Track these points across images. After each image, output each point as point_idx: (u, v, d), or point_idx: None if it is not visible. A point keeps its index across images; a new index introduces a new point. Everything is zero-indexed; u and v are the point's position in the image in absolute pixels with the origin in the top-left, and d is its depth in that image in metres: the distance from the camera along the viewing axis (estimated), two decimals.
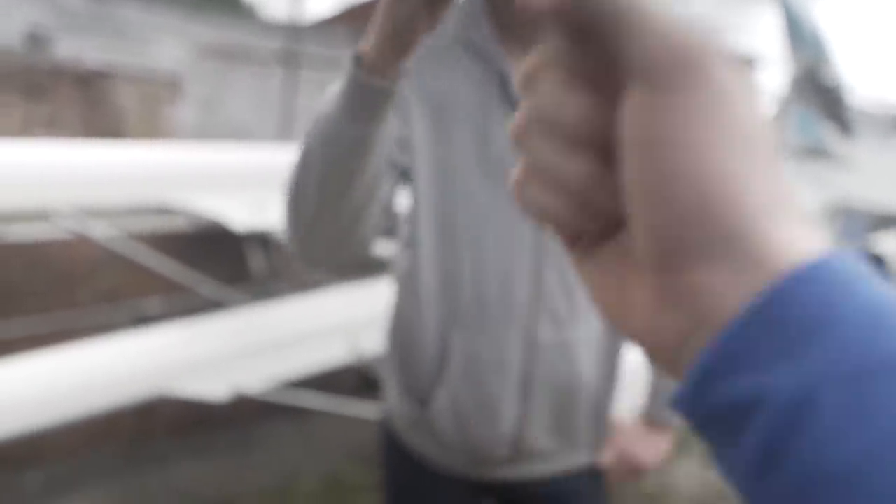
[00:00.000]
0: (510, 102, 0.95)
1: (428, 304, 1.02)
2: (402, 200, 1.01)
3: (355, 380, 3.81)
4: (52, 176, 2.38)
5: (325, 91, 0.83)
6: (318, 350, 2.61)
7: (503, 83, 0.95)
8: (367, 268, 1.27)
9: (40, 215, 2.76)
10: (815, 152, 9.25)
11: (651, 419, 1.16)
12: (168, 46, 5.07)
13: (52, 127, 3.42)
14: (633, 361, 1.36)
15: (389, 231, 1.02)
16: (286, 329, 2.64)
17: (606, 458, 1.15)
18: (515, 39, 0.97)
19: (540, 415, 1.04)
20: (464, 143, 0.96)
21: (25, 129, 3.32)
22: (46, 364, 2.14)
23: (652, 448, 1.17)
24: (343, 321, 2.71)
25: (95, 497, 2.69)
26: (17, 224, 2.87)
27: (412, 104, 0.97)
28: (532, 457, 1.08)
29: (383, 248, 1.04)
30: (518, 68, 0.64)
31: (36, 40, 3.58)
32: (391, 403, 1.13)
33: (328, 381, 3.03)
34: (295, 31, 4.39)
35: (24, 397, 2.00)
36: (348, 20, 11.19)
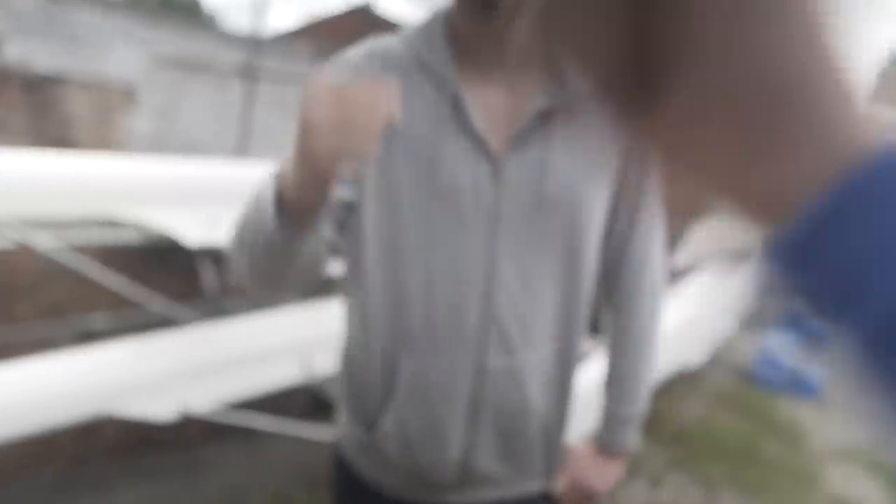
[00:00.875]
0: (463, 127, 0.96)
1: (375, 327, 1.01)
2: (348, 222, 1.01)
3: (307, 401, 3.74)
4: None
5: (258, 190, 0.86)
6: (269, 370, 2.56)
7: (457, 107, 0.96)
8: (319, 287, 1.26)
9: None
10: None
11: (604, 446, 1.17)
12: (123, 54, 4.97)
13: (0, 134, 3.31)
14: (585, 388, 1.38)
15: (338, 250, 1.02)
16: (237, 348, 2.59)
17: (559, 485, 1.16)
18: (472, 65, 0.98)
19: (488, 440, 1.04)
20: (413, 166, 0.95)
21: None
22: None
23: (605, 475, 1.17)
24: (295, 340, 2.67)
25: None
26: None
27: None
28: (481, 482, 1.07)
29: (335, 267, 1.04)
30: (472, 94, 0.65)
31: None
32: (341, 426, 1.12)
33: (279, 403, 2.98)
34: (255, 44, 4.36)
35: None
36: (309, 35, 11.15)
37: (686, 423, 4.30)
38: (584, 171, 1.00)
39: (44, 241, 2.71)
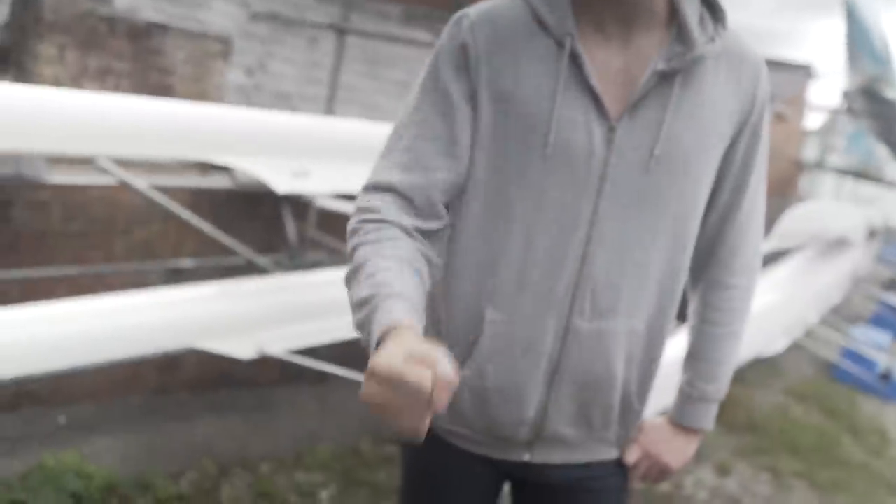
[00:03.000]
0: (581, 86, 0.93)
1: (465, 279, 1.00)
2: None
3: None
4: (99, 125, 2.42)
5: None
6: (343, 321, 2.63)
7: (576, 65, 0.93)
8: None
9: (83, 161, 2.81)
10: (863, 170, 9.02)
11: (679, 422, 1.15)
12: (222, 7, 5.10)
13: (105, 78, 3.47)
14: (669, 363, 1.34)
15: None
16: (314, 297, 2.67)
17: (631, 456, 1.14)
18: (592, 24, 0.95)
19: (566, 402, 1.02)
20: (528, 123, 0.94)
21: (78, 78, 3.37)
22: (80, 309, 2.18)
23: (678, 450, 1.15)
24: None
25: (116, 441, 2.76)
26: (58, 167, 2.93)
27: (481, 88, 0.96)
28: (553, 443, 1.06)
29: None
30: (591, 53, 0.64)
31: None
32: None
33: (350, 354, 3.05)
34: (346, 3, 4.38)
35: (54, 339, 2.05)
36: None
37: (760, 413, 4.16)
38: (698, 138, 0.96)
39: (141, 182, 2.85)
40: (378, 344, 0.75)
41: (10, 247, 2.87)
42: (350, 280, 0.88)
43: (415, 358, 0.68)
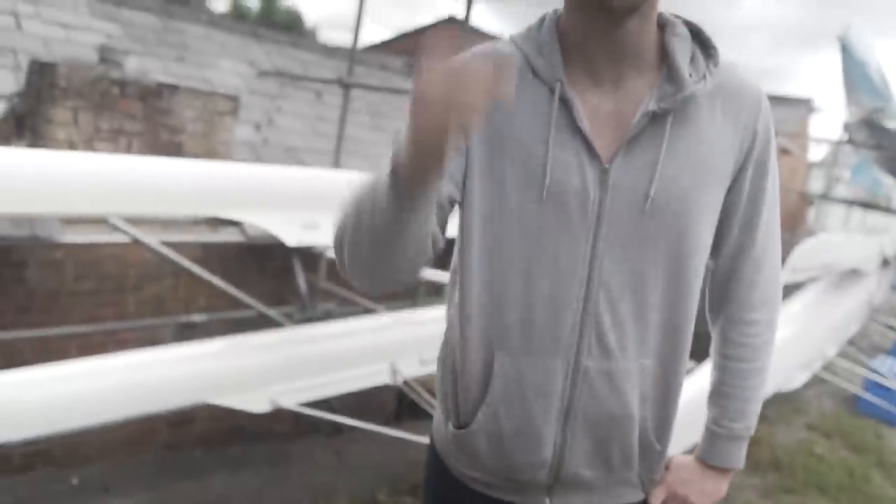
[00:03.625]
0: (572, 129, 0.94)
1: (473, 325, 1.00)
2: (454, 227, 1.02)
3: (391, 405, 3.79)
4: (111, 186, 2.46)
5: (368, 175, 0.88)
6: (356, 372, 2.62)
7: (566, 110, 0.95)
8: (414, 291, 1.27)
9: (96, 221, 2.85)
10: (870, 200, 9.01)
11: (707, 461, 1.12)
12: (229, 65, 5.24)
13: (117, 139, 3.55)
14: (691, 399, 1.32)
15: (439, 259, 1.02)
16: (326, 349, 2.66)
17: (657, 498, 1.11)
18: (582, 68, 0.96)
19: (582, 443, 1.00)
20: (521, 168, 0.95)
21: (91, 140, 3.45)
22: (92, 368, 2.18)
23: (706, 490, 1.11)
24: (382, 345, 2.72)
25: (129, 501, 2.72)
26: (72, 227, 2.97)
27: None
28: (573, 486, 1.04)
29: (431, 273, 1.05)
30: (582, 97, 0.66)
31: (108, 56, 3.73)
32: (436, 423, 1.12)
33: (364, 405, 3.03)
34: (350, 58, 4.49)
35: (67, 399, 2.04)
36: (399, 47, 11.41)
37: (784, 450, 4.06)
38: (695, 176, 0.96)
39: (152, 239, 2.89)
40: (400, 149, 0.79)
41: (24, 307, 2.89)
42: (343, 226, 0.90)
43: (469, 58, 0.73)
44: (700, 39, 0.99)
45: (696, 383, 1.18)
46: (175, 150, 3.76)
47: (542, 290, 0.96)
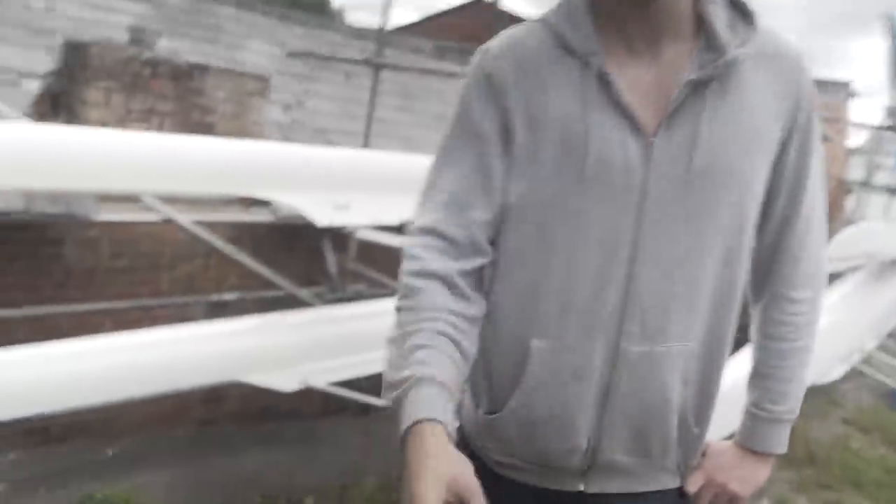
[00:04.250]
0: (612, 104, 0.91)
1: (507, 309, 0.97)
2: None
3: None
4: (145, 164, 2.48)
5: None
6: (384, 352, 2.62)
7: (604, 84, 0.91)
8: None
9: (131, 199, 2.88)
10: None
11: (747, 445, 1.08)
12: (259, 47, 5.25)
13: (149, 119, 3.57)
14: (732, 382, 1.28)
15: None
16: (356, 329, 2.66)
17: (694, 484, 1.08)
18: (618, 39, 0.92)
19: (619, 429, 0.97)
20: (562, 147, 0.91)
21: (123, 120, 3.48)
22: (127, 343, 2.21)
23: (746, 477, 1.07)
24: None
25: (163, 474, 2.77)
26: (107, 205, 3.00)
27: (512, 116, 0.94)
28: (609, 472, 1.01)
29: None
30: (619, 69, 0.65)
31: (139, 36, 3.75)
32: (465, 408, 1.10)
33: None
34: (380, 38, 4.46)
35: (104, 372, 2.07)
36: (428, 29, 11.34)
37: (819, 445, 3.98)
38: (740, 145, 0.92)
39: (185, 218, 2.91)
40: (405, 435, 0.80)
41: (61, 283, 2.94)
42: (390, 347, 0.90)
43: (451, 492, 0.75)
44: (736, 5, 0.95)
45: (735, 367, 1.14)
46: (206, 130, 3.78)
47: (583, 271, 0.93)
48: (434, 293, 0.91)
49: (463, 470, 0.78)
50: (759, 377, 1.07)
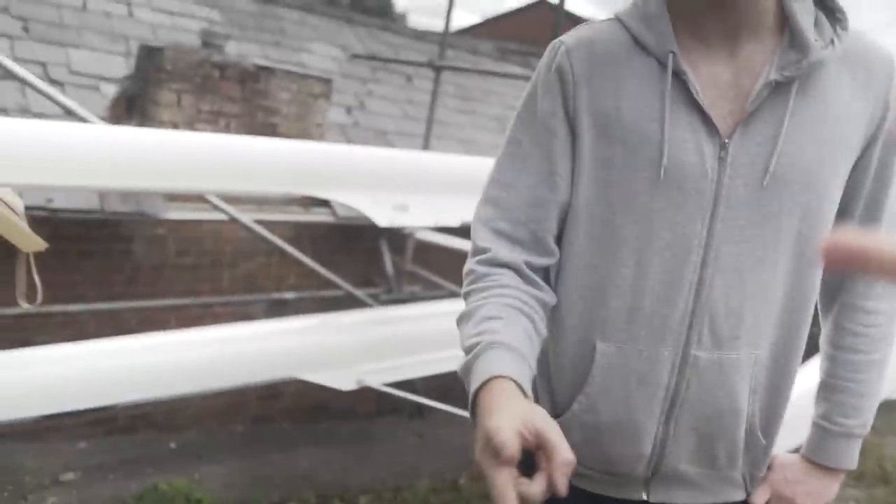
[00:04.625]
0: (689, 103, 0.88)
1: (573, 310, 0.95)
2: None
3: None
4: (211, 165, 2.55)
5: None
6: (442, 355, 2.62)
7: (681, 83, 0.88)
8: None
9: (196, 199, 2.96)
10: None
11: (815, 459, 1.03)
12: (322, 49, 5.34)
13: (217, 120, 3.68)
14: (801, 394, 1.22)
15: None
16: (414, 330, 2.68)
17: (760, 498, 1.04)
18: (694, 38, 0.89)
19: (685, 437, 0.94)
20: (632, 150, 0.89)
21: (192, 122, 3.59)
22: (190, 339, 2.28)
23: (813, 493, 1.03)
24: None
25: (222, 467, 2.85)
26: (175, 204, 3.10)
27: (580, 114, 0.92)
28: (673, 481, 0.98)
29: None
30: (696, 69, 0.62)
31: (210, 40, 3.87)
32: None
33: (449, 388, 3.03)
34: (442, 40, 4.47)
35: (168, 367, 2.14)
36: (490, 30, 11.33)
37: (892, 463, 3.79)
38: (820, 150, 0.88)
39: (247, 218, 2.98)
40: (476, 393, 0.75)
41: (131, 279, 3.06)
42: (460, 325, 0.89)
43: (527, 429, 0.69)
44: (824, 3, 0.91)
45: (802, 379, 1.09)
46: (270, 131, 3.87)
47: (653, 275, 0.90)
48: (503, 276, 0.91)
49: (539, 411, 0.72)
50: (830, 389, 1.02)
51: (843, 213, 0.96)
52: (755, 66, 0.88)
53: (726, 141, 0.88)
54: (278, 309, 3.33)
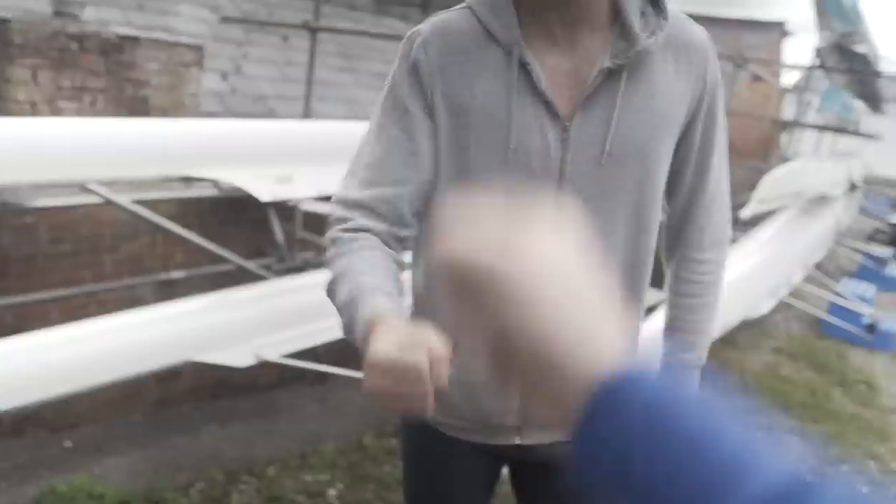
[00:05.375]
0: (532, 91, 0.98)
1: (439, 284, 1.06)
2: None
3: None
4: (83, 152, 2.44)
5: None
6: (338, 320, 2.68)
7: (525, 72, 0.98)
8: None
9: (68, 183, 2.82)
10: (841, 125, 9.11)
11: None
12: (191, 12, 5.07)
13: (80, 97, 3.47)
14: (651, 338, 1.39)
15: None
16: (307, 299, 2.71)
17: None
18: (538, 29, 0.99)
19: None
20: (486, 132, 0.99)
21: (53, 100, 3.37)
22: (75, 333, 2.22)
23: None
24: None
25: (123, 459, 2.81)
26: (44, 191, 2.94)
27: (437, 101, 1.00)
28: (540, 426, 1.12)
29: None
30: (539, 58, 0.75)
31: (62, 7, 3.60)
32: None
33: (347, 352, 3.10)
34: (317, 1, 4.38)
35: (54, 365, 2.09)
36: None
37: (752, 374, 4.25)
38: (650, 128, 1.01)
39: (124, 198, 2.87)
40: (366, 338, 0.79)
41: (1, 274, 2.90)
42: (330, 291, 0.95)
43: (408, 343, 0.73)
44: None
45: (655, 324, 1.26)
46: (141, 104, 3.68)
47: None
48: (365, 240, 0.98)
49: (421, 328, 0.76)
50: (672, 330, 1.20)
51: (675, 179, 1.11)
52: (592, 56, 1.00)
53: (567, 124, 0.99)
54: (168, 290, 3.25)
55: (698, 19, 1.09)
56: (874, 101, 9.05)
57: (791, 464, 0.34)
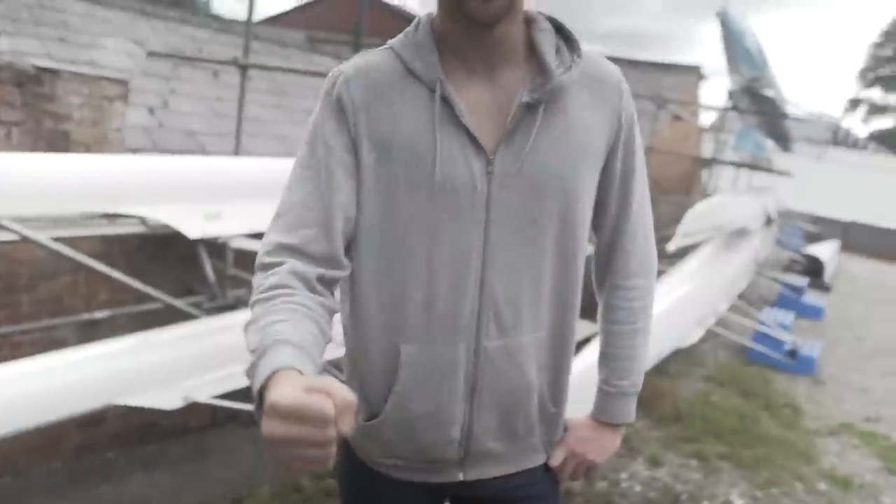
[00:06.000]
0: (455, 125, 1.00)
1: (371, 319, 1.05)
2: None
3: None
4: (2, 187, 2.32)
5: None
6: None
7: (448, 107, 1.00)
8: None
9: None
10: (756, 163, 9.66)
11: (601, 419, 1.21)
12: (116, 45, 4.96)
13: None
14: (583, 363, 1.41)
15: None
16: (237, 338, 2.63)
17: (556, 458, 1.20)
18: (459, 66, 1.02)
19: (488, 418, 1.08)
20: (412, 167, 1.00)
21: None
22: None
23: (601, 446, 1.21)
24: None
25: None
26: None
27: (361, 139, 1.01)
28: (482, 459, 1.12)
29: None
30: (461, 93, 0.74)
31: None
32: None
33: None
34: (247, 34, 4.35)
35: None
36: (300, 18, 11.07)
37: (684, 403, 4.36)
38: (569, 159, 1.04)
39: (42, 235, 2.74)
40: (263, 388, 0.74)
41: None
42: (246, 332, 0.90)
43: (312, 389, 0.68)
44: (563, 33, 1.07)
45: (590, 355, 1.28)
46: (62, 138, 3.54)
47: (442, 280, 1.03)
48: (289, 285, 0.93)
49: (327, 379, 0.71)
50: (606, 357, 1.22)
51: (600, 210, 1.14)
52: (511, 90, 1.03)
53: (491, 157, 1.01)
54: (90, 330, 3.10)
55: (619, 62, 1.14)
56: (784, 141, 9.65)
57: None
